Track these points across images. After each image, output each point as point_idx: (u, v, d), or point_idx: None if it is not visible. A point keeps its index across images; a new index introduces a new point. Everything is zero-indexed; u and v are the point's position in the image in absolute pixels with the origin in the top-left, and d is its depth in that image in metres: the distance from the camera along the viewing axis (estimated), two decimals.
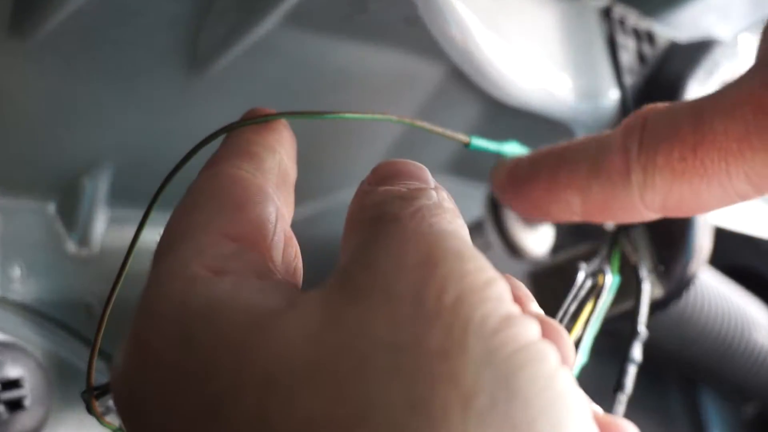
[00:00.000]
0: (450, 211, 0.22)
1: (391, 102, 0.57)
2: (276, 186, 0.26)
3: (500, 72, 0.45)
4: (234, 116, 0.49)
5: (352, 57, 0.50)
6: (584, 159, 0.32)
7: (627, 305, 0.36)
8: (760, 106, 0.26)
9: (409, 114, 0.58)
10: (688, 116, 0.28)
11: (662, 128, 0.29)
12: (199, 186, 0.25)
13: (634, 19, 0.52)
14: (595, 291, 0.31)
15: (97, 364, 0.45)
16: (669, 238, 0.42)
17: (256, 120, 0.28)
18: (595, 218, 0.33)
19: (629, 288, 0.36)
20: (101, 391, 0.25)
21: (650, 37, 0.52)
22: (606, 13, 0.51)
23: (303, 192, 0.61)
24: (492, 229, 0.49)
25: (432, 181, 0.25)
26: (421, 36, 0.44)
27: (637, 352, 0.33)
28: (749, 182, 0.27)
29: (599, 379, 0.40)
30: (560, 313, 0.30)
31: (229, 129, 0.28)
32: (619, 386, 0.33)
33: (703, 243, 0.42)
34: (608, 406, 0.32)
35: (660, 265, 0.43)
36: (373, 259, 0.20)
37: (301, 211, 0.61)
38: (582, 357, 0.30)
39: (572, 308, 0.30)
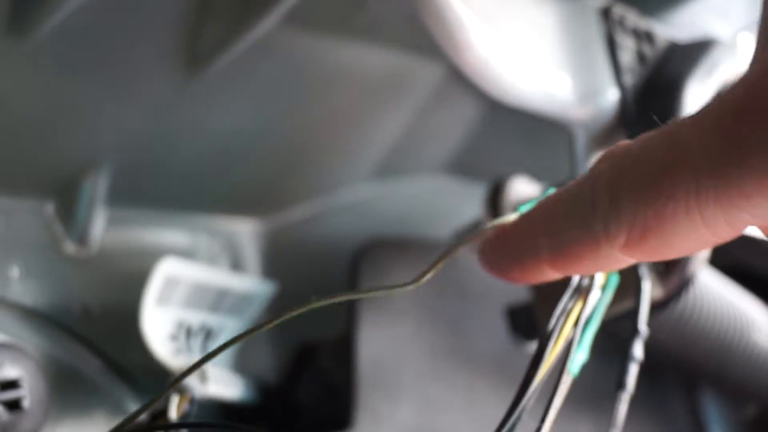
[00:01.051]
0: None
1: (391, 101, 0.57)
2: None
3: (499, 72, 0.45)
4: (233, 116, 0.49)
5: (351, 57, 0.50)
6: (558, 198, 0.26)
7: (626, 305, 0.36)
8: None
9: (407, 113, 0.58)
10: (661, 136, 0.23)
11: (635, 149, 0.23)
12: None
13: (633, 18, 0.52)
14: (585, 290, 0.31)
15: (97, 364, 0.45)
16: None
17: None
18: (565, 267, 0.26)
19: (629, 287, 0.36)
20: None
21: (650, 37, 0.52)
22: (605, 13, 0.51)
23: (303, 192, 0.62)
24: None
25: None
26: (420, 36, 0.44)
27: (638, 350, 0.33)
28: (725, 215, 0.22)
29: (600, 379, 0.40)
30: (557, 313, 0.30)
31: None
32: (620, 385, 0.32)
33: None
34: (609, 404, 0.32)
35: (659, 265, 0.43)
36: None
37: (301, 211, 0.61)
38: (583, 355, 0.29)
39: (569, 308, 0.30)
